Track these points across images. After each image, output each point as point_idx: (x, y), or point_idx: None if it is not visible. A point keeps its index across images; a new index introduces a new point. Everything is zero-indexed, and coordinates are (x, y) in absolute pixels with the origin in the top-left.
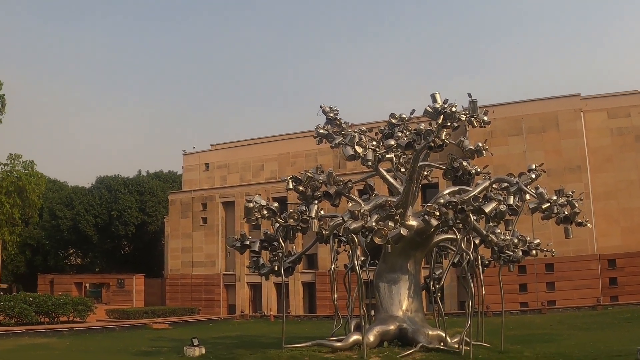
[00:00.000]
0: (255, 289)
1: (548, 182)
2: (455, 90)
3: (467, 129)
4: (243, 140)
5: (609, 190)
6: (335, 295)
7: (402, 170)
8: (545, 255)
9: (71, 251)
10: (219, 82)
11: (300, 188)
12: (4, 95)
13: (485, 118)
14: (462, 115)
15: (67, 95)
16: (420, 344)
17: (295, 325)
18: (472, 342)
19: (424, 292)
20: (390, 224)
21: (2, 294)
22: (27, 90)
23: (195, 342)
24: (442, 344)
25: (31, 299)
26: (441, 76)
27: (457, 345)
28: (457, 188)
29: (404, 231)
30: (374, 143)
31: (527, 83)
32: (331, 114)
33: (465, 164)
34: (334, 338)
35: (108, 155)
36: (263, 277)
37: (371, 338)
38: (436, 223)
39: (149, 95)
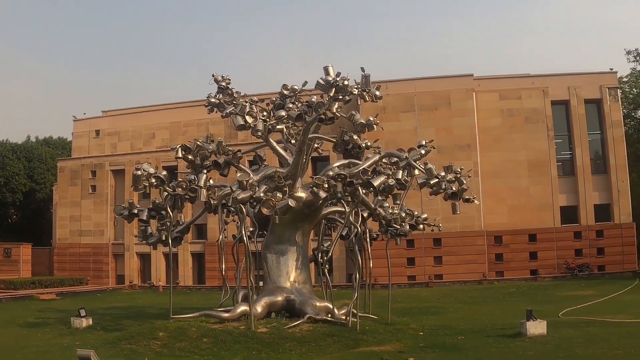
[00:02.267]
0: (144, 259)
1: (438, 159)
2: (350, 64)
3: (359, 103)
4: (134, 108)
5: (497, 169)
6: (224, 266)
7: (293, 141)
8: (432, 230)
9: None
10: (111, 48)
11: (190, 157)
12: None
13: (378, 93)
14: (354, 89)
15: None
16: (308, 315)
17: (184, 296)
18: (360, 314)
19: (312, 264)
20: (279, 195)
21: None
22: None
23: (83, 313)
24: (329, 315)
25: None
26: (337, 50)
27: (344, 317)
28: (346, 161)
29: (292, 202)
30: (265, 114)
31: (421, 61)
32: (223, 83)
33: (355, 137)
34: (222, 309)
35: None
36: (152, 247)
37: (259, 309)
38: (325, 195)
39: (39, 58)
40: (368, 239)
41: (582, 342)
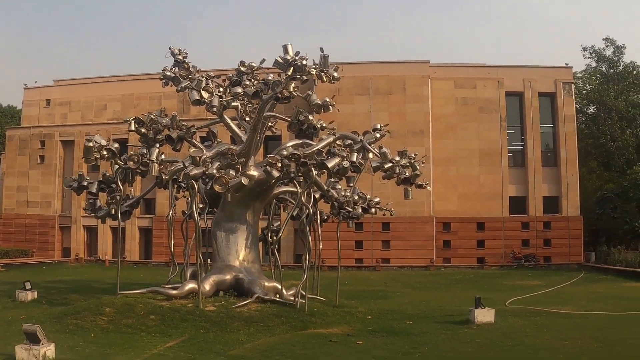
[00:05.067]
0: (91, 232)
1: (391, 143)
2: (308, 45)
3: (316, 84)
4: (87, 78)
5: (449, 156)
6: (172, 242)
7: (247, 119)
8: (384, 214)
9: None
10: (66, 15)
11: (143, 130)
12: None
13: (335, 74)
14: (312, 69)
15: None
16: (256, 295)
17: (131, 271)
18: (308, 296)
19: (261, 244)
20: (231, 172)
21: None
22: None
23: (28, 286)
24: (277, 295)
25: None
26: (296, 30)
27: (292, 298)
28: (300, 141)
29: (244, 180)
30: (221, 89)
31: (379, 46)
32: (180, 57)
33: (311, 118)
34: (170, 286)
35: None
36: (99, 220)
37: (207, 287)
38: (277, 174)
39: None
40: (319, 221)
41: (529, 331)
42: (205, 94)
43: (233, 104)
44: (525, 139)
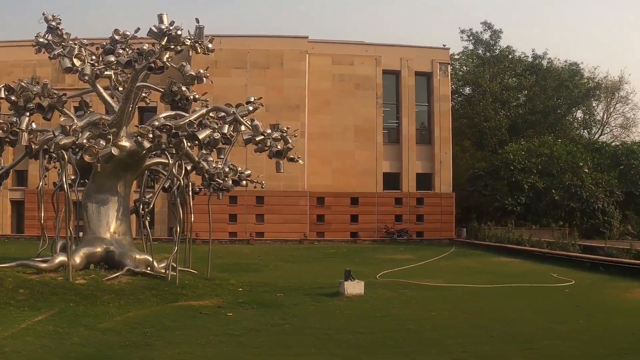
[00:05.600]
0: None
1: (267, 117)
2: (186, 16)
3: (191, 55)
4: None
5: (324, 132)
6: (43, 215)
7: (120, 89)
8: (255, 187)
9: None
10: None
11: (13, 98)
12: None
13: (210, 45)
14: (187, 40)
15: None
16: (127, 268)
17: (1, 245)
18: (179, 268)
19: (133, 216)
20: (102, 142)
21: None
22: None
23: None
24: (148, 268)
25: None
26: (174, 1)
27: (163, 271)
28: (173, 113)
29: (114, 151)
30: (94, 58)
31: (257, 20)
32: (53, 23)
33: (184, 89)
34: (40, 259)
35: None
36: None
37: (77, 260)
38: (148, 145)
39: None
40: (190, 193)
41: (398, 303)
42: (77, 62)
43: (106, 72)
44: (401, 116)
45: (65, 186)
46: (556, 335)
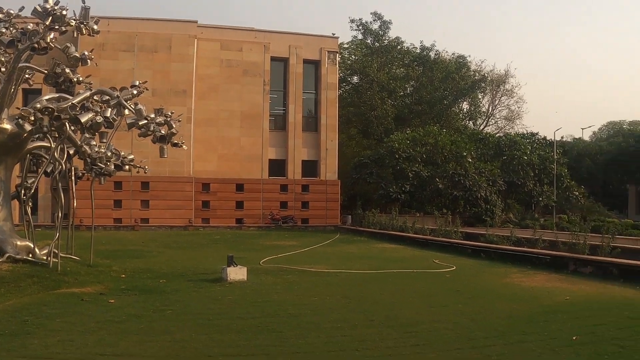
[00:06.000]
0: None
1: (154, 101)
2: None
3: (76, 36)
4: None
5: (211, 117)
6: None
7: (3, 69)
8: (138, 172)
9: None
10: None
11: None
12: None
13: (95, 27)
14: (72, 21)
15: None
16: (8, 255)
17: None
18: (62, 255)
19: (15, 202)
20: None
21: None
22: None
23: None
24: (30, 255)
25: None
26: None
27: (45, 258)
28: (57, 95)
29: None
30: None
31: (146, 2)
32: None
33: (68, 71)
34: None
35: None
36: None
37: None
38: (29, 128)
39: None
40: (73, 177)
41: (280, 288)
42: None
43: None
44: (288, 103)
45: None
46: (435, 318)
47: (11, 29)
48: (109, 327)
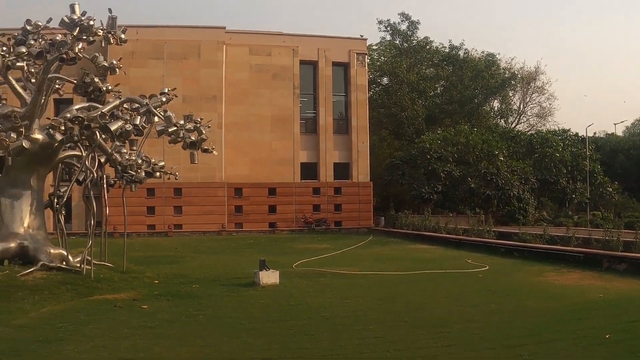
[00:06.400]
0: None
1: (185, 108)
2: (99, 6)
3: (104, 45)
4: None
5: (242, 122)
6: None
7: (33, 80)
8: (169, 178)
9: None
10: None
11: None
12: None
13: (123, 36)
14: (100, 30)
15: None
16: (41, 262)
17: None
18: (95, 262)
19: (49, 210)
20: (13, 135)
21: None
22: None
23: None
24: (64, 262)
25: None
26: None
27: (78, 265)
28: (87, 104)
29: (26, 144)
30: (5, 49)
31: (174, 10)
32: None
33: (97, 80)
34: None
35: None
36: None
37: None
38: (60, 138)
39: None
40: (105, 185)
41: (313, 291)
42: None
43: (18, 64)
44: (318, 106)
45: None
46: (468, 318)
47: (40, 40)
48: (142, 333)
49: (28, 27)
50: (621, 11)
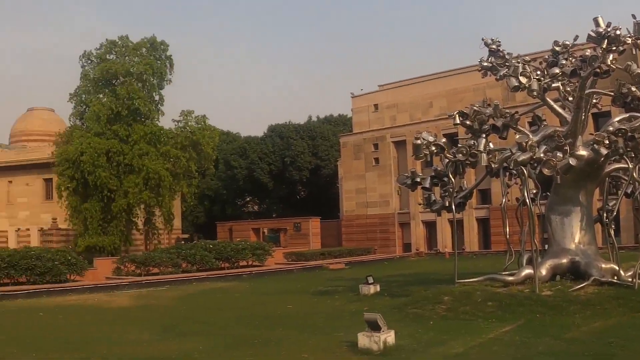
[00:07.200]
0: (430, 226)
1: None
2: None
3: (634, 52)
4: (409, 79)
5: None
6: (507, 230)
7: (570, 99)
8: None
9: (248, 199)
10: (380, 24)
11: (468, 122)
12: (170, 56)
13: None
14: (628, 39)
15: (232, 49)
16: (593, 278)
17: (470, 261)
18: None
19: (598, 225)
20: (559, 154)
21: (183, 242)
22: (191, 47)
23: (370, 280)
24: (615, 277)
25: (211, 246)
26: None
27: (630, 279)
28: (627, 115)
29: (572, 161)
30: (539, 72)
31: None
32: (493, 46)
33: (634, 89)
34: (506, 273)
35: (278, 104)
36: (436, 214)
37: (543, 272)
38: (606, 152)
39: (313, 41)
40: None
41: None
42: (523, 79)
43: (553, 85)
44: None
45: (527, 201)
46: None
47: (570, 59)
48: None
49: (557, 48)
50: None
